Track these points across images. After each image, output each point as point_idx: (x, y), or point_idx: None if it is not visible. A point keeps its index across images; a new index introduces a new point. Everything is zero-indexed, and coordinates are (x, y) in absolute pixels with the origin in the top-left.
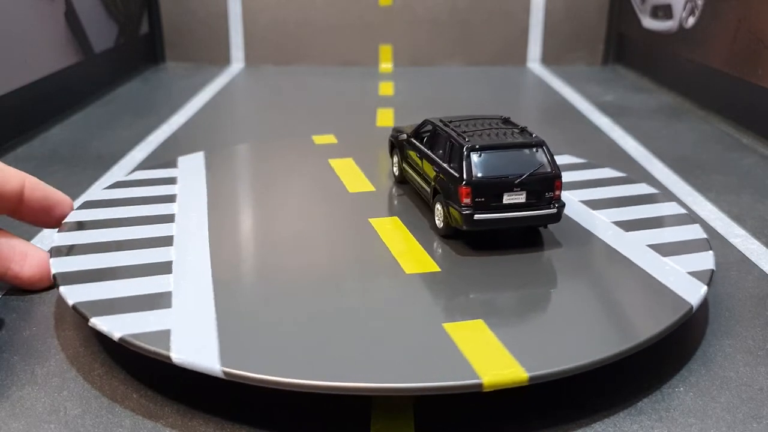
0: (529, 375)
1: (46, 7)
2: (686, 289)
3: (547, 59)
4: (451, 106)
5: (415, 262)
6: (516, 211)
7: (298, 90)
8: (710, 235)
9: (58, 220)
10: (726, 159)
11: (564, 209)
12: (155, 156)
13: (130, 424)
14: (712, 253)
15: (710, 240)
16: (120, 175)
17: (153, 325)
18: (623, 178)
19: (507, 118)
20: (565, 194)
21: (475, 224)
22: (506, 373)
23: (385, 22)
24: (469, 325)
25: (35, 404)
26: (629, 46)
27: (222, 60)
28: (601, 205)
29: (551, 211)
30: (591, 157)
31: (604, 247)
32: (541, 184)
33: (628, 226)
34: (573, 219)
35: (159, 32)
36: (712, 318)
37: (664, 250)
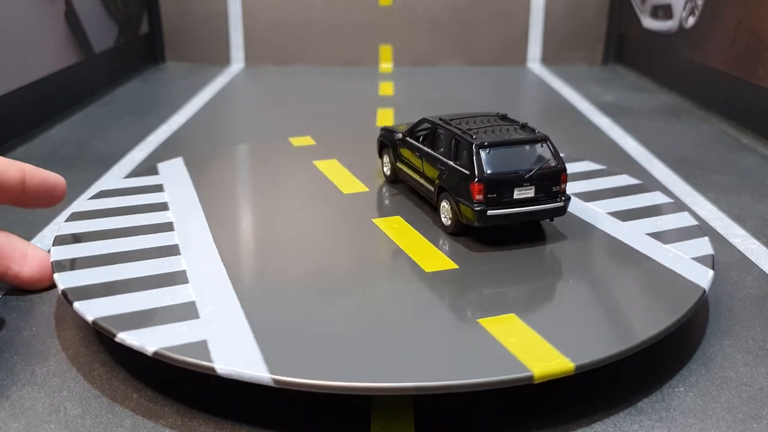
0: (575, 364)
1: (46, 7)
2: (695, 274)
3: (547, 59)
4: (452, 106)
5: (433, 261)
6: (526, 206)
7: (298, 90)
8: (710, 235)
9: (58, 199)
10: (726, 159)
11: (569, 202)
12: (155, 156)
13: (130, 424)
14: (708, 239)
15: (710, 240)
16: (120, 175)
17: (186, 336)
18: (603, 171)
19: (504, 115)
20: None
21: (488, 220)
22: (553, 365)
23: (385, 22)
24: (503, 319)
25: (35, 404)
26: (629, 46)
27: (222, 60)
28: (592, 197)
29: (559, 204)
30: (591, 157)
31: (607, 238)
32: (549, 178)
33: (623, 217)
34: (570, 211)
35: (159, 32)
36: (712, 318)
37: (664, 238)
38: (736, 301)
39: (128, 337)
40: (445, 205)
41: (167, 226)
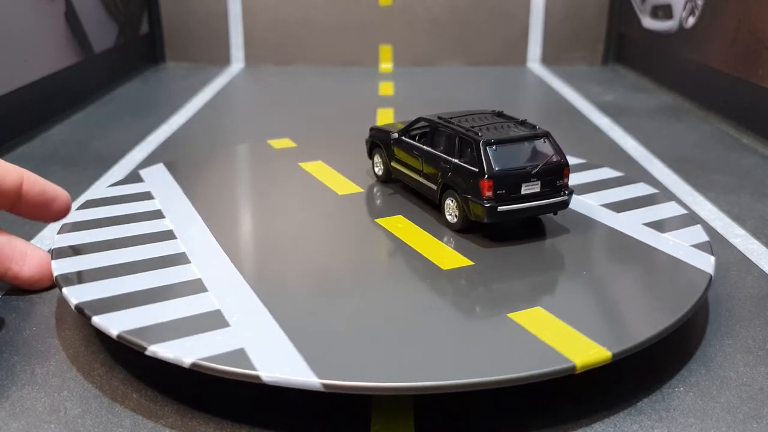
0: (612, 353)
1: (46, 7)
2: (698, 260)
3: (547, 59)
4: (452, 106)
5: (448, 258)
6: (532, 201)
7: (298, 90)
8: (710, 235)
9: (57, 215)
10: (726, 159)
11: (572, 196)
12: (155, 156)
13: (130, 424)
14: (701, 226)
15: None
16: (120, 175)
17: (222, 346)
18: (584, 165)
19: (500, 112)
20: None
21: (499, 216)
22: (592, 354)
23: (385, 22)
24: (531, 312)
25: (35, 404)
26: (629, 46)
27: (222, 60)
28: (581, 190)
29: (563, 198)
30: (591, 157)
31: (608, 229)
32: (553, 173)
33: (617, 208)
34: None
35: (159, 32)
36: (712, 318)
37: (661, 227)
38: (736, 301)
39: (161, 350)
40: (450, 203)
41: (168, 234)
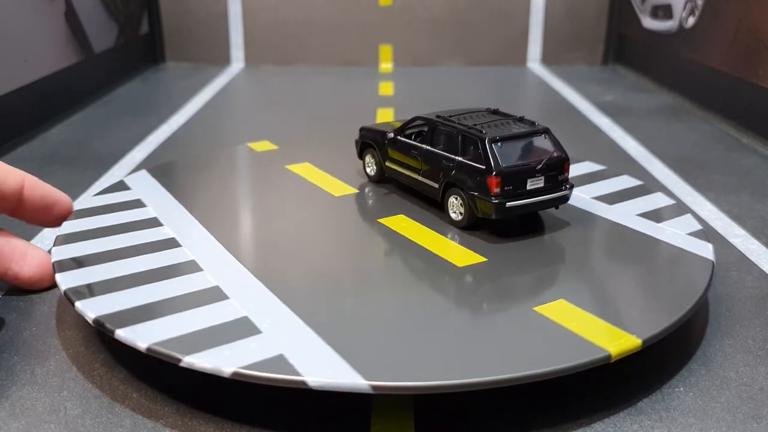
0: (641, 340)
1: (46, 7)
2: (698, 248)
3: (547, 59)
4: (452, 106)
5: (460, 256)
6: (537, 196)
7: (298, 90)
8: (710, 235)
9: (58, 219)
10: (726, 159)
11: (573, 190)
12: (155, 156)
13: (130, 424)
14: (691, 215)
15: (708, 238)
16: (120, 175)
17: (259, 353)
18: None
19: (496, 110)
20: None
21: (507, 212)
22: (623, 342)
23: (385, 22)
24: (555, 305)
25: (35, 404)
26: (629, 46)
27: (222, 60)
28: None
29: (565, 192)
30: (591, 158)
31: (606, 221)
32: (555, 168)
33: (609, 200)
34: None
35: (159, 32)
36: (712, 318)
37: (655, 218)
38: (736, 301)
39: (197, 361)
40: (454, 201)
41: (171, 243)
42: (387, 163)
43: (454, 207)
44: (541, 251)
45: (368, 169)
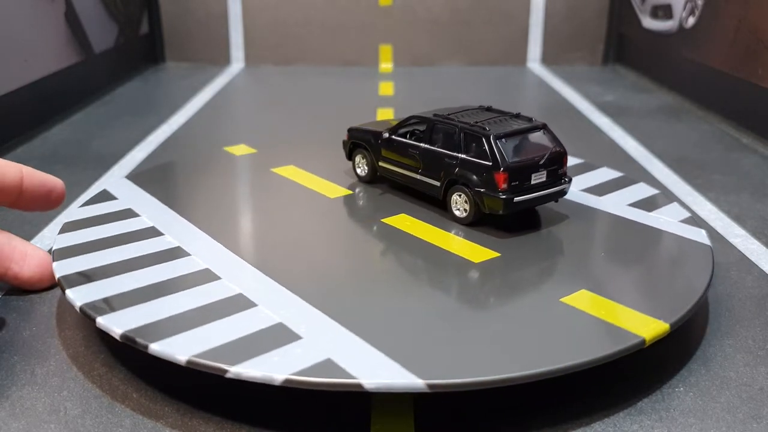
0: (669, 323)
1: (46, 7)
2: (692, 234)
3: (547, 59)
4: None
5: (474, 251)
6: (541, 190)
7: (298, 90)
8: (710, 235)
9: (55, 203)
10: (726, 159)
11: (571, 183)
12: (155, 156)
13: (130, 424)
14: (677, 203)
15: (710, 239)
16: (120, 175)
17: (306, 359)
18: None
19: (489, 107)
20: None
21: (514, 207)
22: (653, 327)
23: (385, 22)
24: (579, 295)
25: (35, 404)
26: (629, 46)
27: (222, 60)
28: None
29: (564, 186)
30: (591, 157)
31: (601, 212)
32: (556, 162)
33: (597, 192)
34: None
35: (159, 32)
36: (712, 318)
37: (645, 207)
38: (736, 301)
39: (244, 371)
40: (458, 198)
41: (179, 252)
42: (380, 163)
43: (458, 204)
44: (549, 244)
45: (359, 170)
